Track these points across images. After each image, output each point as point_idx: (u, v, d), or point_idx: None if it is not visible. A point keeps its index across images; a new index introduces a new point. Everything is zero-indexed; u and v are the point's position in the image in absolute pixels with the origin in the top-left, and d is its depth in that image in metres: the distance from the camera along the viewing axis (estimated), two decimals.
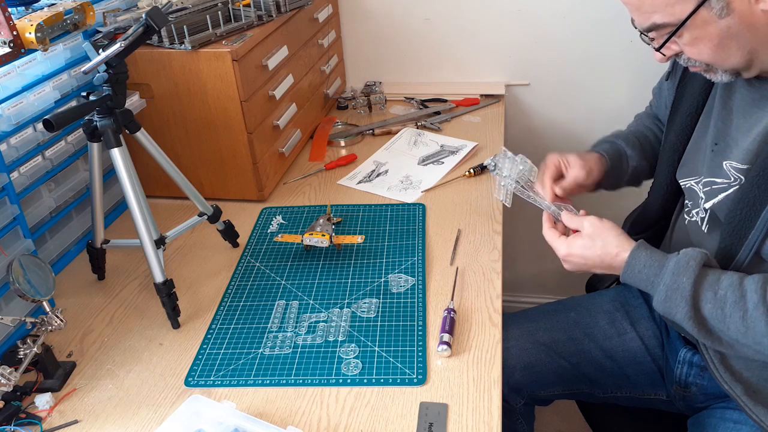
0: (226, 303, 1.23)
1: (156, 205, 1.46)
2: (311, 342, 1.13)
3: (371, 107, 1.95)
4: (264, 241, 1.41)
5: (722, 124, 1.09)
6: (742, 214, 1.00)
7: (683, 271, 1.00)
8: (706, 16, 0.92)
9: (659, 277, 1.02)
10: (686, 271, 1.00)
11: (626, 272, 1.06)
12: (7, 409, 1.01)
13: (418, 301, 1.20)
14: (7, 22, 1.11)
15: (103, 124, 1.12)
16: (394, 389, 1.02)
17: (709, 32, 0.94)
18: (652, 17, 0.96)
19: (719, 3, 0.91)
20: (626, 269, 1.06)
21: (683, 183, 1.19)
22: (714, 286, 0.98)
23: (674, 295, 1.00)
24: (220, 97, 1.41)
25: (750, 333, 0.95)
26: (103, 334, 1.19)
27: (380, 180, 1.61)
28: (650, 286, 1.04)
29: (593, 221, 1.10)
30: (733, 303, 0.96)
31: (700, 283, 0.99)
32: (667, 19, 0.95)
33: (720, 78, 1.02)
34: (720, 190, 1.07)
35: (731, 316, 0.96)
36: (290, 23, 1.62)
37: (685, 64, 1.04)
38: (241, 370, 1.08)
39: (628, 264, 1.05)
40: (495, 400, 1.00)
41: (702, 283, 0.99)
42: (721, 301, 0.97)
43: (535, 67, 2.00)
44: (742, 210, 1.00)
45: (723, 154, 1.07)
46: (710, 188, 1.09)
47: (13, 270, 1.01)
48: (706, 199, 1.11)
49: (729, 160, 1.06)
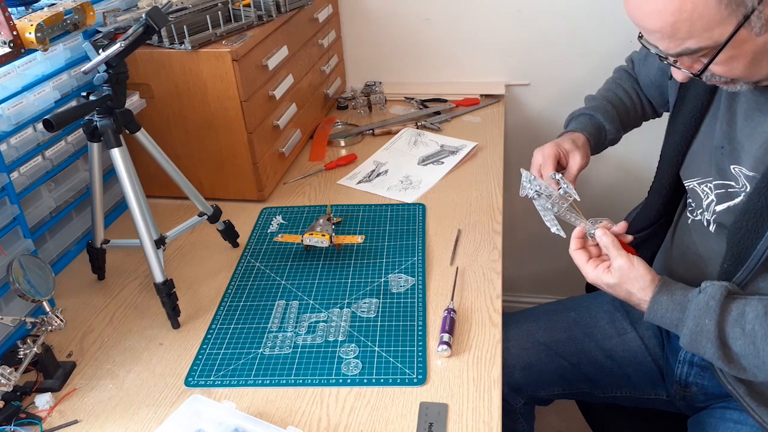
0: (226, 303, 1.23)
1: (156, 205, 1.46)
2: (311, 342, 1.13)
3: (371, 107, 1.95)
4: (264, 241, 1.41)
5: (728, 128, 1.07)
6: (749, 225, 0.99)
7: (704, 313, 0.98)
8: (745, 36, 0.88)
9: (682, 321, 1.01)
10: (707, 312, 0.98)
11: (649, 316, 1.05)
12: (7, 409, 1.01)
13: (418, 301, 1.20)
14: (7, 22, 1.11)
15: (103, 124, 1.12)
16: (394, 389, 1.02)
17: (745, 50, 0.90)
18: (685, 43, 0.90)
19: (759, 21, 0.86)
20: (649, 314, 1.05)
21: (687, 183, 1.18)
22: (741, 322, 0.97)
23: (700, 338, 0.99)
24: (220, 97, 1.41)
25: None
26: (103, 334, 1.19)
27: (380, 180, 1.61)
28: (675, 329, 1.04)
29: (623, 266, 1.05)
30: (763, 336, 0.94)
31: (724, 321, 0.97)
32: (703, 44, 0.89)
33: (739, 88, 0.99)
34: (734, 194, 1.05)
35: (765, 349, 0.95)
36: (290, 23, 1.62)
37: (708, 80, 0.99)
38: (241, 370, 1.08)
39: (650, 310, 1.04)
40: (495, 400, 1.00)
41: (727, 320, 0.97)
42: (751, 336, 0.95)
43: (536, 67, 2.00)
44: (749, 221, 0.99)
45: (731, 158, 1.06)
46: (725, 191, 1.07)
47: (13, 270, 1.01)
48: (717, 201, 1.09)
49: (737, 165, 1.04)
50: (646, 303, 1.05)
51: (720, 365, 1.00)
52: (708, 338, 0.98)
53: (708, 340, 0.98)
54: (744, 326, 0.96)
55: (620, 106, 1.38)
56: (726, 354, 0.98)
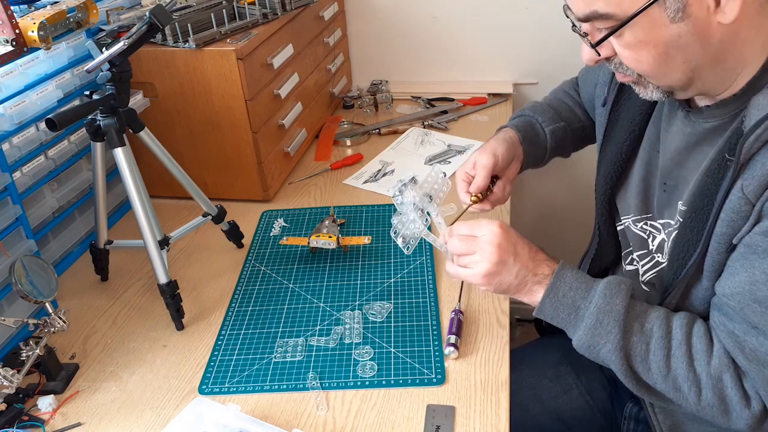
0: (234, 308, 1.22)
1: (160, 205, 1.45)
2: (324, 345, 1.11)
3: (377, 106, 1.94)
4: (267, 244, 1.39)
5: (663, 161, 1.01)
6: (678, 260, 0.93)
7: (616, 293, 0.91)
8: (657, 16, 0.80)
9: (587, 301, 0.93)
10: (619, 293, 0.91)
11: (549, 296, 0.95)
12: (9, 411, 1.00)
13: (430, 301, 1.18)
14: (10, 21, 1.11)
15: (106, 124, 1.11)
16: (401, 391, 1.01)
17: (655, 36, 0.82)
18: (594, 4, 0.82)
19: (676, 3, 0.79)
20: (549, 292, 0.95)
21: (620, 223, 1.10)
22: (642, 318, 0.91)
23: (606, 320, 0.90)
24: (225, 96, 1.40)
25: (670, 376, 0.89)
26: (107, 335, 1.18)
27: (386, 180, 1.59)
28: (574, 312, 0.94)
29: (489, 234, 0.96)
30: (659, 338, 0.89)
31: (630, 310, 0.91)
32: (611, 9, 0.81)
33: (650, 95, 0.91)
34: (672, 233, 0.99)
35: (655, 353, 0.89)
36: (295, 21, 1.60)
37: (616, 69, 0.91)
38: (255, 376, 1.06)
39: (552, 287, 0.95)
40: (503, 402, 0.98)
41: (631, 311, 0.91)
42: (647, 335, 0.90)
43: (544, 65, 1.98)
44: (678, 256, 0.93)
45: (675, 194, 0.99)
46: (668, 230, 1.01)
47: (16, 271, 1.00)
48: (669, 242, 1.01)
49: (680, 201, 0.98)
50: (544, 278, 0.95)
51: (616, 359, 0.91)
52: (615, 319, 0.90)
53: (615, 322, 0.90)
54: (644, 323, 0.90)
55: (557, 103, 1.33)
56: (624, 346, 0.90)
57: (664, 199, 1.02)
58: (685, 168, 0.97)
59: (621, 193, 1.13)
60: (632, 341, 0.90)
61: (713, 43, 0.82)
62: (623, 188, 1.12)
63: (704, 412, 0.89)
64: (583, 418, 1.25)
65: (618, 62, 0.89)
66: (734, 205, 0.83)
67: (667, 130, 1.01)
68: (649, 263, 1.07)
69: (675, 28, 0.81)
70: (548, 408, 1.25)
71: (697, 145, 0.95)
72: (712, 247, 0.88)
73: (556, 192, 2.17)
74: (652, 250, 1.06)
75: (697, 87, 0.89)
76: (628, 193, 1.11)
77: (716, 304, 0.90)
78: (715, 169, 0.88)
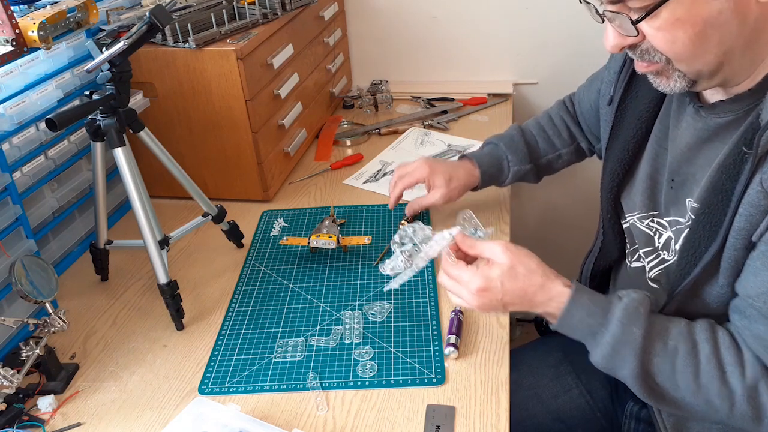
0: (234, 308, 1.22)
1: (160, 205, 1.45)
2: (324, 345, 1.11)
3: (377, 106, 1.94)
4: (267, 244, 1.39)
5: (671, 158, 1.00)
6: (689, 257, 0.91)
7: (633, 320, 0.88)
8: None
9: (604, 327, 0.89)
10: (636, 320, 0.88)
11: (563, 320, 0.92)
12: (9, 411, 1.00)
13: (430, 301, 1.18)
14: (10, 21, 1.11)
15: (106, 124, 1.11)
16: (401, 391, 1.01)
17: (695, 13, 0.78)
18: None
19: None
20: (564, 316, 0.92)
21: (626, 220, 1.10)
22: (664, 336, 0.88)
23: (623, 349, 0.88)
24: (225, 96, 1.40)
25: (701, 392, 0.86)
26: (107, 335, 1.18)
27: (386, 180, 1.59)
28: (591, 337, 0.91)
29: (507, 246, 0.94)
30: (685, 355, 0.86)
31: (649, 333, 0.88)
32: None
33: (672, 85, 0.87)
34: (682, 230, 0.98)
35: (683, 372, 0.86)
36: (295, 21, 1.60)
37: (640, 57, 0.87)
38: (255, 376, 1.06)
39: (566, 312, 0.92)
40: (503, 402, 0.98)
41: (651, 333, 0.88)
42: (672, 354, 0.87)
43: (544, 65, 1.98)
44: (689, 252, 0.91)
45: (683, 190, 0.98)
46: (676, 228, 1.00)
47: (16, 271, 1.00)
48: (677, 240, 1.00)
49: (690, 198, 0.97)
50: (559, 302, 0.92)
51: (633, 383, 0.89)
52: (633, 349, 0.87)
53: (632, 352, 0.87)
54: (667, 341, 0.88)
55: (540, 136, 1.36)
56: (643, 373, 0.88)
57: (671, 196, 1.02)
58: (694, 164, 0.97)
59: (626, 190, 1.12)
60: (654, 362, 0.88)
61: (749, 23, 0.80)
62: (629, 185, 1.12)
63: (734, 420, 0.87)
64: (584, 417, 1.24)
65: (645, 48, 0.85)
66: (753, 199, 0.82)
67: (676, 127, 1.00)
68: (655, 260, 1.07)
69: (717, 3, 0.77)
70: (548, 408, 1.25)
71: (708, 140, 0.94)
72: (729, 243, 0.86)
73: (556, 196, 2.17)
74: (658, 248, 1.06)
75: (725, 73, 0.85)
76: (633, 190, 1.10)
77: (738, 306, 0.89)
78: (730, 164, 0.87)
